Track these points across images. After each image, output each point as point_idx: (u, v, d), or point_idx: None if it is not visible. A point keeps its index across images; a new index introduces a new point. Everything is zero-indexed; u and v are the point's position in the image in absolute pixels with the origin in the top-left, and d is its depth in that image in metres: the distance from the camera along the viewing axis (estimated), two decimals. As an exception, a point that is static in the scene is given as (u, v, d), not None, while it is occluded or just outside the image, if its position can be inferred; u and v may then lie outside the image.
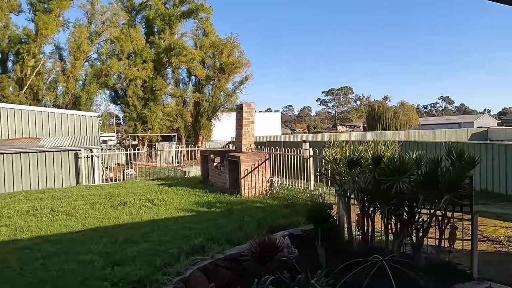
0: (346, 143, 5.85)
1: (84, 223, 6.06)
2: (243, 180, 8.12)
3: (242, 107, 9.35)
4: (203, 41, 27.20)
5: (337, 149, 5.80)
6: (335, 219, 5.94)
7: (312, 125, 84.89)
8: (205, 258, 4.54)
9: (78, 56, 24.54)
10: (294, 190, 8.06)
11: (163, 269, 4.10)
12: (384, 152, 5.10)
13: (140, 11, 27.93)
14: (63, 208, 7.14)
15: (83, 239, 5.12)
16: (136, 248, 4.68)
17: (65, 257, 4.37)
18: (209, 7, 26.72)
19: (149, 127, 25.70)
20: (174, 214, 6.47)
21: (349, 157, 5.22)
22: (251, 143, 9.44)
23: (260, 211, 6.57)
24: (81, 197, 8.38)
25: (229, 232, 5.31)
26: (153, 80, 25.03)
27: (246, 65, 28.12)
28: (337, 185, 5.84)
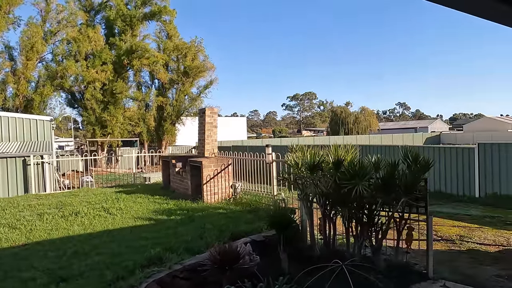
0: (308, 148, 5.86)
1: (29, 236, 5.56)
2: (205, 185, 7.91)
3: (205, 111, 9.15)
4: (166, 44, 26.60)
5: (299, 153, 5.79)
6: (298, 223, 5.92)
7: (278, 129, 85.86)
8: (162, 269, 4.30)
9: (31, 56, 23.03)
10: (257, 195, 7.96)
11: (114, 283, 3.82)
12: (345, 156, 5.15)
13: (100, 11, 26.81)
14: (6, 220, 6.52)
15: (26, 254, 4.68)
16: (86, 261, 4.34)
17: (3, 275, 3.94)
18: (173, 10, 26.23)
19: (109, 132, 24.63)
20: (131, 224, 6.13)
21: (310, 162, 5.21)
22: (214, 148, 9.26)
23: (222, 218, 6.40)
24: (28, 207, 7.74)
25: (189, 241, 5.10)
26: (113, 82, 24.05)
27: (211, 69, 27.86)
28: (299, 189, 5.82)
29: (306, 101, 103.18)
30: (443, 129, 66.96)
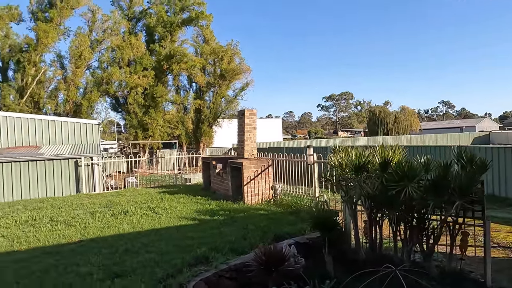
0: (351, 148, 5.73)
1: (83, 233, 5.90)
2: (245, 187, 7.97)
3: (244, 112, 9.23)
4: (203, 48, 27.24)
5: (343, 154, 5.67)
6: (341, 226, 5.78)
7: (313, 130, 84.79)
8: (209, 269, 4.37)
9: (79, 64, 24.55)
10: (298, 196, 7.89)
11: (165, 281, 3.94)
12: (392, 157, 4.97)
13: (141, 19, 28.03)
14: (63, 218, 6.98)
15: (82, 250, 4.96)
16: (137, 259, 4.52)
17: (63, 270, 4.21)
18: (209, 15, 26.80)
19: (150, 135, 25.61)
20: (176, 223, 6.31)
21: (355, 162, 5.08)
22: (254, 149, 9.31)
23: (264, 219, 6.41)
24: (81, 206, 8.23)
25: (233, 241, 5.15)
26: (154, 87, 25.01)
27: (247, 72, 28.14)
28: (343, 191, 5.70)
29: (342, 101, 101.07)
30: (493, 128, 62.61)
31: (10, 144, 12.87)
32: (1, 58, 24.94)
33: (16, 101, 23.82)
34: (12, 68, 25.63)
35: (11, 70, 25.68)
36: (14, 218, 7.05)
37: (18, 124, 13.11)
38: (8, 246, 5.36)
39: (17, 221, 6.85)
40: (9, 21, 24.89)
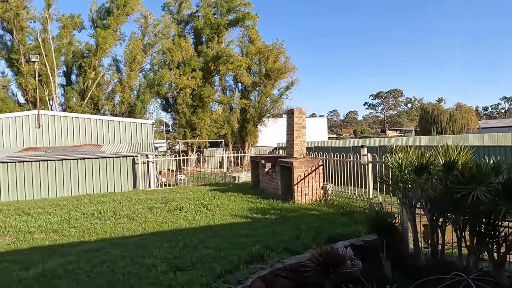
0: (408, 148, 5.49)
1: (144, 227, 6.26)
2: (296, 186, 7.94)
3: (294, 112, 9.20)
4: (249, 48, 27.54)
5: (400, 154, 5.45)
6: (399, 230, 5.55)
7: (359, 129, 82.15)
8: (265, 267, 4.43)
9: (133, 67, 26.04)
10: (349, 197, 7.71)
11: (223, 276, 4.05)
12: (457, 158, 4.67)
13: (189, 22, 29.02)
14: (124, 212, 7.46)
15: (145, 243, 5.27)
16: (195, 254, 4.70)
17: (130, 261, 4.49)
18: (255, 15, 27.04)
19: (198, 134, 26.44)
20: (229, 221, 6.46)
21: (416, 163, 4.85)
22: (303, 149, 9.25)
23: (316, 219, 6.35)
24: (139, 201, 8.73)
25: (287, 241, 5.16)
26: (202, 88, 25.77)
27: (292, 70, 27.99)
28: (400, 193, 5.47)
29: (391, 99, 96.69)
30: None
31: (75, 142, 14.02)
32: (66, 63, 27.19)
33: (78, 102, 25.86)
34: (74, 73, 27.87)
35: (74, 75, 27.94)
36: (82, 211, 7.67)
37: (82, 124, 14.23)
38: (79, 236, 5.85)
39: (84, 214, 7.44)
40: (72, 29, 27.05)
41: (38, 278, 4.05)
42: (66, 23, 26.44)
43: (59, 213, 7.62)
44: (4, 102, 23.72)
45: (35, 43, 24.59)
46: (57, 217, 7.24)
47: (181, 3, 28.53)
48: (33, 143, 13.52)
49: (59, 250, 5.15)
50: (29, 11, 24.84)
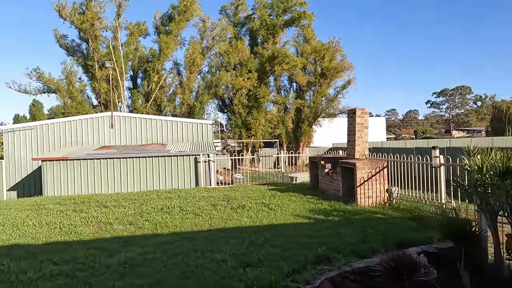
0: (490, 150, 5.06)
1: (210, 223, 6.54)
2: (358, 188, 7.72)
3: (355, 111, 8.96)
4: (304, 47, 27.35)
5: (479, 156, 5.04)
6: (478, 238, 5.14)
7: (420, 129, 77.19)
8: (332, 268, 4.38)
9: (193, 70, 27.27)
10: (418, 201, 7.30)
11: (291, 275, 4.09)
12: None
13: (245, 24, 29.62)
14: (190, 208, 7.86)
15: (212, 238, 5.50)
16: (261, 251, 4.80)
17: (201, 254, 4.73)
18: (311, 14, 26.81)
19: (253, 134, 26.87)
20: (292, 220, 6.50)
21: (501, 166, 4.45)
22: (365, 150, 8.96)
23: (382, 223, 6.12)
24: (202, 198, 9.13)
25: (353, 243, 5.05)
26: (257, 88, 26.15)
27: (349, 69, 27.24)
28: (479, 198, 5.07)
29: (457, 97, 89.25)
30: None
31: (142, 141, 15.08)
32: (132, 68, 29.33)
33: (143, 104, 27.74)
34: (140, 77, 29.97)
35: (139, 78, 30.06)
36: (152, 206, 8.23)
37: (148, 124, 15.27)
38: (153, 229, 6.29)
39: (154, 208, 7.97)
40: (138, 36, 29.10)
41: (122, 265, 4.44)
42: (133, 30, 28.52)
43: (132, 206, 8.26)
44: (81, 104, 26.28)
45: (107, 50, 26.88)
46: (131, 210, 7.85)
47: (238, 6, 29.23)
48: (107, 141, 14.82)
49: (136, 240, 5.59)
50: (102, 21, 27.23)
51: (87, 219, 7.21)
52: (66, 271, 4.34)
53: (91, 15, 25.76)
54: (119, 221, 6.95)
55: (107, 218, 7.20)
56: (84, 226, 6.72)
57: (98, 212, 7.81)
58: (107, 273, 4.25)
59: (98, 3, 26.51)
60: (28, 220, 7.27)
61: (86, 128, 14.88)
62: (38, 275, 4.23)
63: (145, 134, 15.17)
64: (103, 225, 6.67)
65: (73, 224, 6.84)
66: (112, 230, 6.33)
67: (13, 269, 4.44)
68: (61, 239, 5.88)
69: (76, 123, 14.91)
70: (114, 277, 4.12)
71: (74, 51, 28.14)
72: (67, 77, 27.04)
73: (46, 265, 4.55)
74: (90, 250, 5.10)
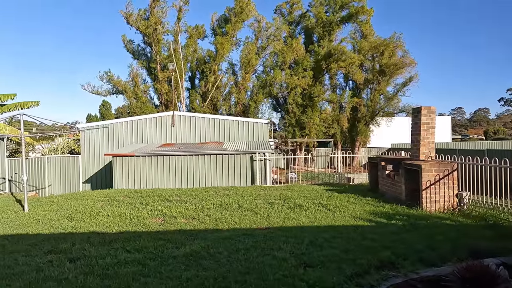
0: None
1: (268, 221, 6.62)
2: (424, 192, 7.27)
3: (421, 110, 8.45)
4: (362, 44, 26.36)
5: None
6: None
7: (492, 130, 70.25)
8: (398, 275, 4.19)
9: (248, 70, 27.70)
10: (493, 208, 6.68)
11: (355, 279, 3.99)
12: None
13: (300, 22, 29.34)
14: (248, 205, 8.02)
15: (272, 236, 5.57)
16: (322, 252, 4.74)
17: (261, 251, 4.82)
18: (370, 9, 25.72)
19: (307, 133, 26.55)
20: (352, 222, 6.33)
21: None
22: (431, 151, 8.41)
23: (451, 230, 5.71)
24: (259, 196, 9.26)
25: (420, 250, 4.78)
26: (312, 87, 25.78)
27: (411, 65, 25.68)
28: None
29: (537, 93, 79.72)
30: None
31: (201, 140, 15.72)
32: (191, 69, 30.63)
33: (200, 104, 28.84)
34: (197, 77, 31.19)
35: (197, 79, 31.29)
36: (211, 202, 8.55)
37: (207, 123, 15.88)
38: (213, 224, 6.54)
39: (214, 204, 8.27)
40: (196, 38, 30.29)
41: (188, 257, 4.68)
42: (192, 33, 29.76)
43: (193, 202, 8.66)
44: (145, 104, 28.10)
45: (168, 53, 28.39)
46: (192, 205, 8.23)
47: (293, 4, 29.05)
48: (169, 139, 15.70)
49: (199, 234, 5.85)
50: (163, 26, 28.80)
51: (153, 211, 7.71)
52: (138, 259, 4.69)
53: (154, 20, 27.37)
54: (182, 215, 7.33)
55: (171, 211, 7.63)
56: (150, 218, 7.20)
57: (162, 205, 8.31)
58: (174, 263, 4.51)
59: (160, 8, 28.09)
60: (102, 210, 7.98)
61: (150, 126, 15.90)
62: (115, 261, 4.63)
63: (203, 133, 15.80)
64: (168, 218, 7.09)
65: (141, 216, 7.36)
66: (176, 223, 6.70)
67: (93, 254, 4.90)
68: (132, 229, 6.36)
69: (142, 122, 16.01)
70: (181, 267, 4.35)
71: (139, 55, 30.14)
72: (133, 79, 29.04)
73: (121, 253, 4.96)
74: (158, 241, 5.45)
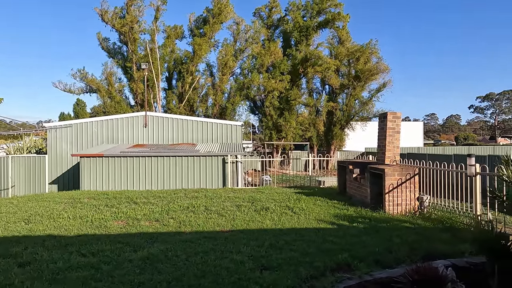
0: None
1: (233, 224, 6.58)
2: (387, 195, 7.45)
3: (387, 115, 8.66)
4: (338, 49, 26.85)
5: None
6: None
7: (462, 135, 73.19)
8: (352, 277, 4.25)
9: (225, 71, 27.62)
10: (451, 212, 6.92)
11: (309, 281, 4.01)
12: None
13: (278, 26, 29.58)
14: (215, 208, 7.96)
15: (233, 239, 5.53)
16: (281, 255, 4.75)
17: (220, 254, 4.77)
18: (346, 15, 26.23)
19: (283, 136, 26.74)
20: (315, 225, 6.39)
21: (542, 179, 4.11)
22: (396, 156, 8.63)
23: (410, 233, 5.86)
24: (228, 198, 9.21)
25: (377, 252, 4.87)
26: (289, 90, 26.00)
27: (385, 71, 26.36)
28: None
29: (504, 102, 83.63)
30: None
31: (174, 141, 15.50)
32: (168, 69, 30.25)
33: (177, 105, 28.50)
34: (174, 78, 30.82)
35: (174, 80, 30.92)
36: (178, 204, 8.43)
37: (180, 124, 15.68)
38: (176, 227, 6.44)
39: (181, 207, 8.16)
40: (174, 38, 29.97)
41: (144, 260, 4.58)
42: (170, 33, 29.42)
43: (160, 204, 8.51)
44: (119, 104, 27.49)
45: (145, 52, 27.92)
46: (158, 207, 8.09)
47: (272, 8, 29.26)
48: (141, 140, 15.40)
49: (160, 237, 5.74)
50: (140, 25, 28.33)
51: (117, 214, 7.52)
52: (92, 263, 4.54)
53: (131, 19, 26.87)
54: (146, 218, 7.18)
55: (135, 214, 7.47)
56: (113, 220, 7.01)
57: (128, 208, 8.12)
58: (129, 267, 4.39)
59: (137, 7, 27.62)
60: (63, 212, 7.70)
61: (122, 126, 15.55)
62: (67, 265, 4.46)
63: (176, 134, 15.60)
64: (131, 221, 6.92)
65: (104, 218, 7.15)
66: (138, 226, 6.55)
67: (45, 258, 4.71)
68: (91, 232, 6.17)
69: (113, 122, 15.63)
70: (135, 271, 4.25)
71: (115, 53, 29.48)
72: (107, 78, 28.36)
73: (75, 256, 4.79)
74: (116, 244, 5.31)
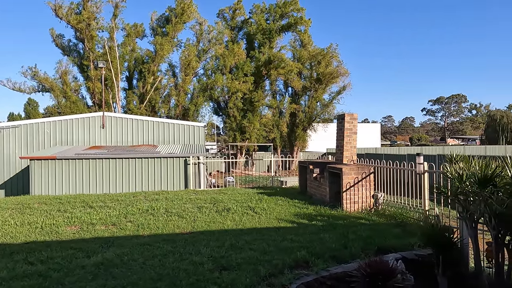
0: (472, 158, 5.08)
1: (193, 225, 6.50)
2: (344, 193, 7.72)
3: (344, 117, 8.98)
4: (301, 53, 27.46)
5: (461, 164, 5.05)
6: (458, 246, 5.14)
7: (416, 137, 77.61)
8: (309, 273, 4.35)
9: (188, 72, 27.22)
10: (402, 208, 7.31)
11: (268, 279, 4.06)
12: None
13: (242, 28, 29.68)
14: (175, 210, 7.81)
15: (193, 241, 5.46)
16: (241, 255, 4.77)
17: (179, 257, 4.69)
18: (308, 20, 26.93)
19: (247, 137, 26.85)
20: (275, 224, 6.47)
21: (480, 174, 4.46)
22: (353, 155, 8.97)
23: (365, 229, 6.11)
24: (190, 200, 9.08)
25: (333, 249, 5.04)
26: (252, 92, 26.17)
27: (344, 75, 27.37)
28: (460, 206, 5.07)
29: (452, 105, 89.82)
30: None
31: (134, 142, 15.01)
32: (128, 69, 29.27)
33: (137, 105, 27.63)
34: (135, 78, 29.87)
35: (134, 79, 29.96)
36: (137, 207, 8.17)
37: (140, 125, 15.21)
38: (134, 230, 6.24)
39: (140, 210, 7.91)
40: (135, 37, 29.06)
41: (98, 266, 4.39)
42: (130, 31, 28.49)
43: (117, 207, 8.19)
44: (75, 104, 26.16)
45: (103, 50, 26.81)
46: (116, 211, 7.79)
47: (235, 10, 29.31)
48: (98, 142, 14.73)
49: (116, 241, 5.53)
50: (98, 22, 27.18)
51: (70, 219, 7.14)
52: (40, 271, 4.28)
53: (88, 15, 25.71)
54: (102, 222, 6.89)
55: (90, 218, 7.13)
56: (66, 226, 6.65)
57: (82, 212, 7.74)
58: (81, 273, 4.19)
59: (94, 3, 26.49)
60: (10, 219, 7.19)
61: (77, 127, 14.79)
62: (11, 274, 4.17)
63: (136, 135, 15.12)
64: (85, 226, 6.61)
65: (55, 224, 6.77)
66: (93, 230, 6.27)
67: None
68: (41, 239, 5.81)
69: (67, 123, 14.82)
70: (88, 277, 4.06)
71: (70, 51, 28.04)
72: (62, 77, 26.90)
73: (21, 265, 4.49)
74: (68, 250, 5.04)
